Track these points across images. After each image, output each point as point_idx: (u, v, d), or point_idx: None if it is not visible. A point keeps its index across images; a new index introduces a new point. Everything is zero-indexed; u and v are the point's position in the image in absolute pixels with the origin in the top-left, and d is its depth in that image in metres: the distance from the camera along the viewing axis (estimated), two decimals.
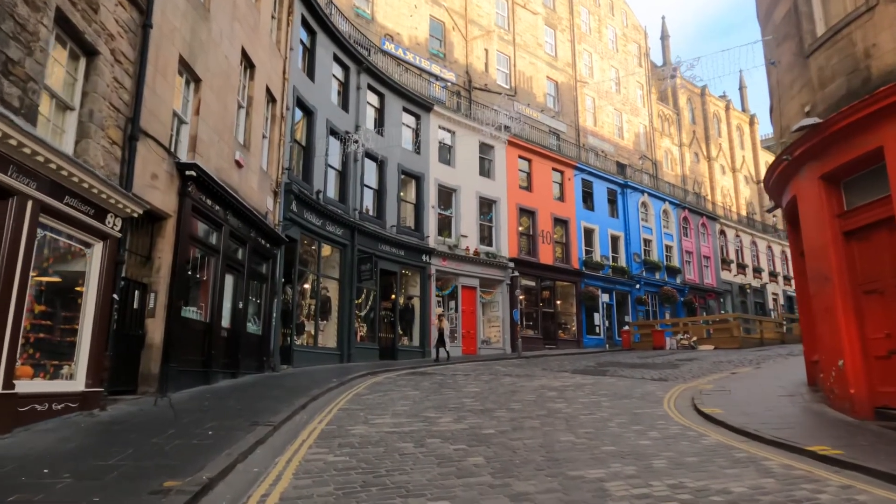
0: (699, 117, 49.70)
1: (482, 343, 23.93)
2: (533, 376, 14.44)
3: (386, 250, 20.31)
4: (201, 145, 10.43)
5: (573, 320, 28.27)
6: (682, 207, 36.48)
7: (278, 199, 14.73)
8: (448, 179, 23.86)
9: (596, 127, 38.14)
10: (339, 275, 18.48)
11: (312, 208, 16.70)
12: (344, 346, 17.87)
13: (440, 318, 19.52)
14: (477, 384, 12.78)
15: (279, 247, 14.71)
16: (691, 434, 7.66)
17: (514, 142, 27.10)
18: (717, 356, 19.73)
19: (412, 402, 9.96)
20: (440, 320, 19.14)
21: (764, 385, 11.73)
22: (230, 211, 11.51)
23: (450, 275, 23.18)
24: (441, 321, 19.00)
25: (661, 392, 11.69)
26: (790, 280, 45.22)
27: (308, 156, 17.18)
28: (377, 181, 20.94)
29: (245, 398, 9.38)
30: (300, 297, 17.05)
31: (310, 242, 17.42)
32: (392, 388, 12.01)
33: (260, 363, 13.51)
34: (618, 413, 9.15)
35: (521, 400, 10.35)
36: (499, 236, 25.47)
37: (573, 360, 19.78)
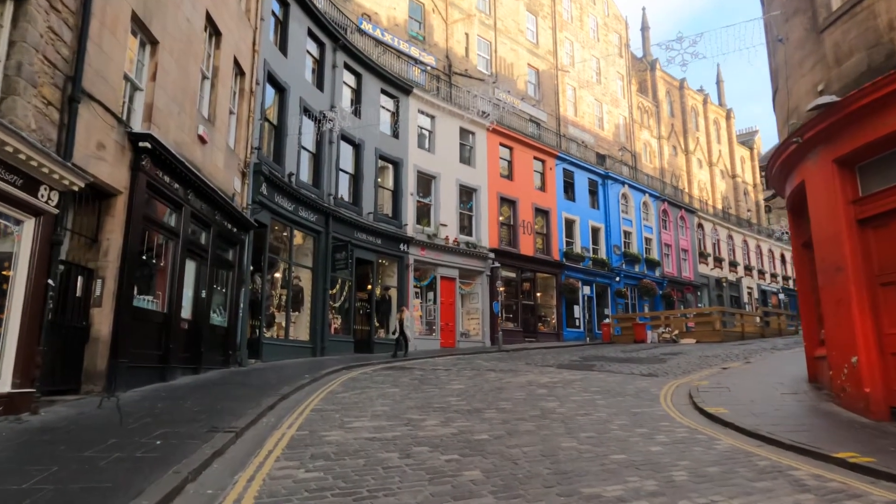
0: (677, 110, 49.60)
1: (461, 336, 23.17)
2: (518, 371, 13.71)
3: (362, 238, 19.34)
4: (158, 115, 9.33)
5: (553, 313, 27.71)
6: (661, 200, 36.21)
7: (247, 181, 13.64)
8: (427, 166, 22.94)
9: (576, 117, 37.57)
10: (313, 263, 17.46)
11: (284, 192, 15.63)
12: (317, 339, 16.89)
13: (401, 308, 18.16)
14: (460, 380, 11.98)
15: (247, 232, 13.64)
16: (701, 438, 6.97)
17: (496, 129, 26.28)
18: (702, 350, 19.32)
19: (392, 401, 9.10)
20: (401, 311, 17.69)
21: (762, 382, 11.19)
22: (192, 190, 10.44)
23: (428, 265, 22.31)
24: (402, 312, 17.53)
25: (655, 389, 11.08)
26: (764, 274, 45.60)
27: (280, 136, 16.08)
28: (353, 166, 19.92)
29: (206, 398, 8.39)
30: (270, 286, 16.00)
31: (281, 228, 16.35)
32: (369, 384, 11.13)
33: (225, 357, 12.48)
34: (616, 413, 8.45)
35: (510, 398, 9.58)
36: (479, 226, 24.68)
37: (556, 354, 19.14)
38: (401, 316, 17.33)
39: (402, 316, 17.30)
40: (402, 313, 17.41)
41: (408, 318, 17.47)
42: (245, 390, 9.37)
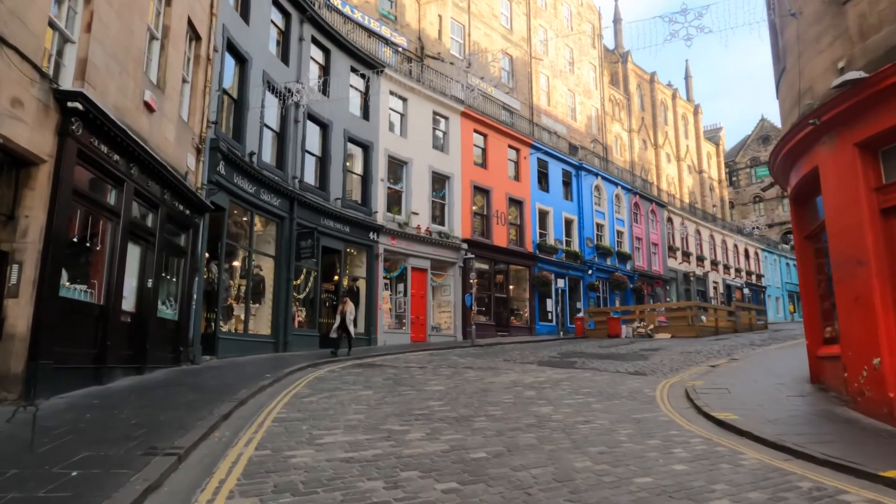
0: (648, 104, 49.53)
1: (432, 330, 22.15)
2: (498, 370, 12.79)
3: (329, 225, 18.07)
4: (95, 74, 7.95)
5: (526, 306, 26.96)
6: (633, 193, 35.88)
7: (202, 158, 12.25)
8: (399, 151, 21.75)
9: (549, 107, 36.86)
10: (276, 251, 16.13)
11: (244, 172, 14.25)
12: (279, 334, 15.61)
13: (343, 299, 15.84)
14: (438, 380, 10.97)
15: (202, 215, 12.27)
16: (722, 451, 6.14)
17: (470, 114, 25.25)
18: (680, 346, 18.82)
19: (367, 406, 8.02)
20: (343, 302, 15.37)
21: (760, 382, 10.55)
22: (136, 164, 9.07)
23: (399, 255, 21.18)
24: (345, 303, 15.23)
25: (648, 390, 10.31)
26: (729, 269, 46.04)
27: (240, 111, 14.67)
28: (320, 147, 18.58)
29: (147, 405, 7.14)
30: (228, 275, 14.63)
31: (241, 212, 14.97)
32: (339, 385, 10.01)
33: (175, 354, 11.14)
34: (617, 419, 7.59)
35: (498, 402, 8.62)
36: (452, 215, 23.65)
37: (533, 350, 18.33)
38: (342, 307, 15.07)
39: (345, 307, 15.01)
40: (344, 304, 15.18)
41: (351, 311, 15.10)
42: (196, 394, 8.13)
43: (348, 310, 15.00)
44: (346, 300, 15.41)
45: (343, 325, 14.77)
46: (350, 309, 15.13)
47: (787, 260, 54.71)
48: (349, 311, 15.02)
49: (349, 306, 15.14)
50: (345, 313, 14.88)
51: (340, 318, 14.82)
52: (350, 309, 15.13)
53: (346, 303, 15.24)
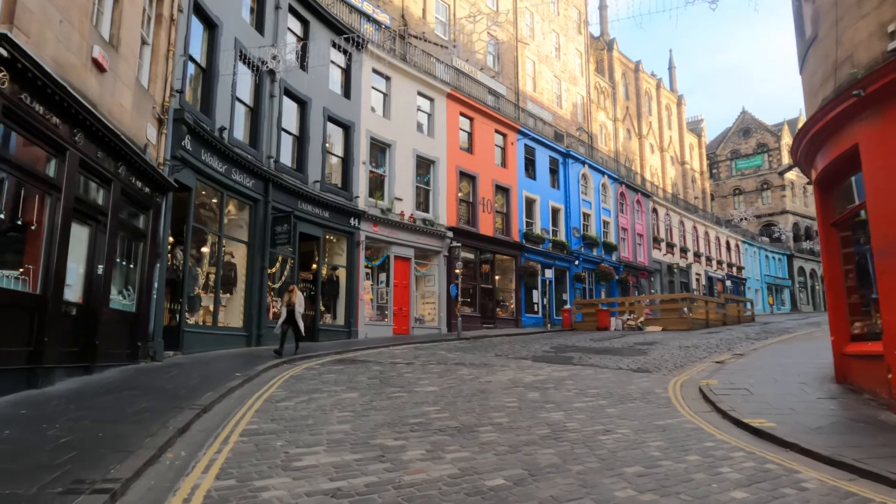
0: (632, 93, 48.87)
1: (415, 322, 21.08)
2: (492, 366, 11.79)
3: (307, 210, 16.81)
4: (28, 18, 6.64)
5: (512, 297, 26.03)
6: (619, 182, 35.17)
7: (164, 130, 10.92)
8: (382, 132, 20.52)
9: (535, 92, 35.84)
10: (249, 237, 14.85)
11: (214, 149, 12.94)
12: (252, 326, 14.38)
13: (290, 287, 13.17)
14: (429, 379, 9.92)
15: (164, 194, 10.96)
16: (775, 470, 5.22)
17: (456, 96, 24.09)
18: (676, 339, 18.07)
19: (353, 413, 6.92)
20: (290, 290, 12.78)
21: (778, 381, 9.71)
22: (82, 131, 7.77)
23: (381, 243, 20.02)
24: (292, 292, 12.66)
25: (660, 389, 9.42)
26: (711, 261, 45.84)
27: (209, 82, 13.32)
28: (298, 126, 17.28)
29: (86, 416, 5.94)
30: (195, 262, 13.34)
31: (210, 193, 13.66)
32: (319, 385, 8.89)
33: (133, 351, 9.88)
34: (640, 428, 6.64)
35: (501, 407, 7.61)
36: (437, 202, 22.53)
37: (523, 344, 17.40)
38: (289, 297, 12.58)
39: (292, 297, 12.53)
40: (291, 293, 12.65)
41: (300, 301, 12.68)
42: (150, 400, 6.93)
43: (296, 300, 12.56)
44: (293, 288, 12.90)
45: (291, 318, 12.36)
46: (299, 299, 12.70)
47: (766, 252, 54.88)
48: (298, 301, 12.60)
49: (297, 296, 12.71)
50: (292, 305, 12.44)
51: (287, 311, 12.36)
52: (299, 299, 12.70)
53: (294, 292, 12.72)
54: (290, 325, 12.38)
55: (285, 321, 12.35)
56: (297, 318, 12.41)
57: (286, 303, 12.56)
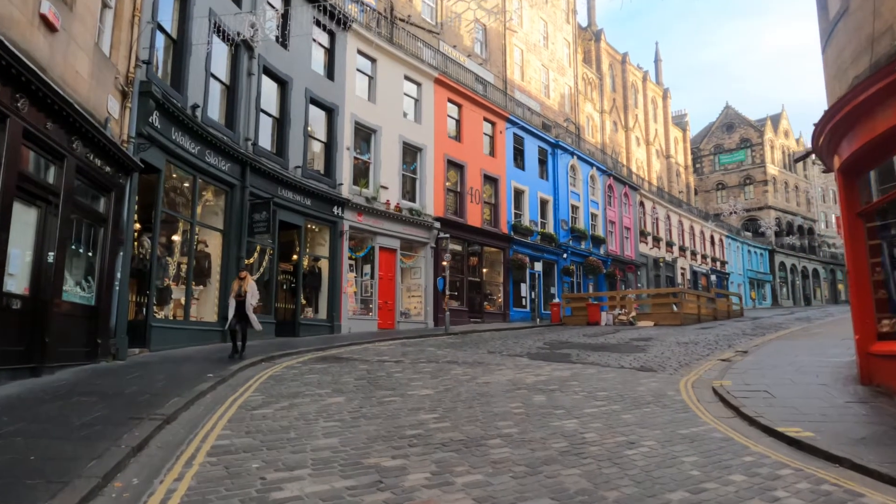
0: (619, 85, 48.37)
1: (401, 316, 20.21)
2: (487, 365, 10.99)
3: (287, 197, 15.80)
4: None
5: (500, 291, 25.28)
6: (608, 174, 34.60)
7: (129, 104, 9.86)
8: (367, 117, 19.52)
9: (523, 81, 35.03)
10: (224, 224, 13.82)
11: (186, 128, 11.87)
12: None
13: (242, 273, 10.94)
14: (422, 379, 9.08)
15: (129, 175, 9.91)
16: (834, 492, 4.51)
17: (444, 81, 23.16)
18: (671, 335, 17.48)
19: (340, 422, 6.06)
20: (241, 277, 10.74)
21: (796, 381, 9.06)
22: (26, 97, 6.73)
23: (366, 233, 19.07)
24: (244, 279, 10.61)
25: (671, 391, 8.72)
26: (696, 255, 45.68)
27: (181, 54, 12.22)
28: (278, 107, 16.22)
29: (22, 430, 4.98)
30: (165, 251, 12.28)
31: (181, 176, 12.60)
32: (301, 388, 7.99)
33: (92, 349, 8.87)
34: (665, 438, 5.91)
35: (507, 413, 6.80)
36: (424, 191, 21.63)
37: (514, 339, 16.64)
38: (239, 286, 10.53)
39: (243, 286, 10.49)
40: (241, 281, 10.61)
41: (252, 290, 10.61)
42: (105, 408, 5.98)
43: (248, 290, 10.46)
44: (245, 275, 10.77)
45: (242, 312, 10.33)
46: (251, 289, 10.57)
47: (749, 247, 55.02)
48: (250, 291, 10.48)
49: (249, 284, 10.59)
50: (243, 295, 10.38)
51: (237, 304, 10.35)
52: (251, 289, 10.57)
53: (245, 279, 10.65)
54: (241, 321, 10.35)
55: (235, 315, 10.31)
56: (248, 311, 10.38)
57: (235, 293, 10.47)
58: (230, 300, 10.60)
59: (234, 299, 10.46)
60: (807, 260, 62.98)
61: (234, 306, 10.41)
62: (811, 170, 68.82)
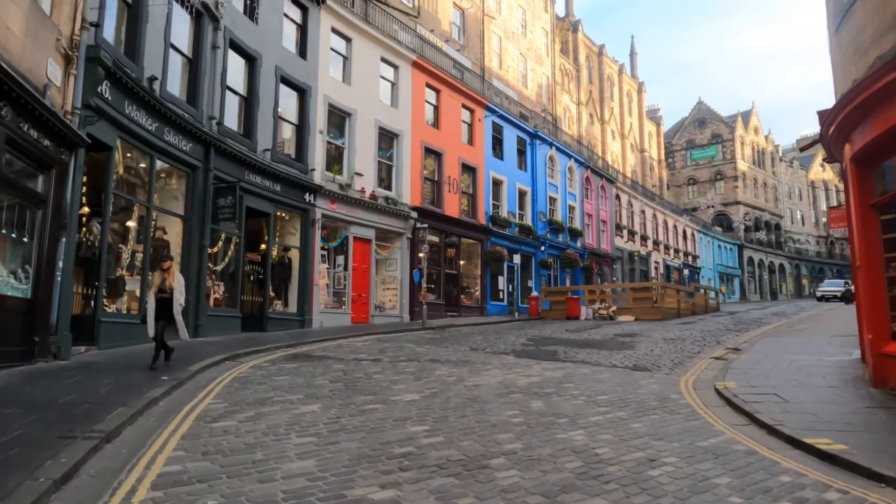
0: (595, 77, 48.01)
1: (375, 309, 19.30)
2: (472, 364, 10.22)
3: (256, 182, 14.71)
4: None
5: (477, 284, 24.55)
6: (585, 166, 34.15)
7: (73, 70, 8.70)
8: (342, 99, 18.47)
9: (501, 70, 34.22)
10: (185, 210, 12.70)
11: (142, 102, 10.71)
12: (189, 315, 12.24)
13: (165, 260, 8.61)
14: (404, 381, 8.25)
15: (73, 151, 8.77)
16: None
17: (422, 65, 22.21)
18: (655, 330, 17.00)
19: (317, 438, 5.19)
20: (165, 266, 8.45)
21: (804, 383, 8.53)
22: None
23: (339, 222, 18.07)
24: (168, 273, 8.38)
25: (674, 394, 8.11)
26: (669, 249, 45.82)
27: (136, 20, 11.03)
28: (246, 86, 15.08)
29: None
30: (118, 238, 11.13)
31: (137, 155, 11.44)
32: (269, 393, 7.08)
33: (27, 347, 7.77)
34: (686, 453, 5.25)
35: (505, 423, 6.03)
36: (400, 179, 20.70)
37: (496, 335, 15.93)
38: (163, 277, 8.33)
39: (168, 279, 8.33)
40: (165, 273, 8.36)
41: (180, 285, 8.46)
42: (30, 423, 4.98)
43: (175, 284, 8.36)
44: (170, 266, 8.50)
45: (166, 311, 8.21)
46: (178, 283, 8.43)
47: (719, 242, 55.59)
48: (177, 286, 8.39)
49: (176, 278, 8.44)
50: (169, 290, 8.29)
51: (156, 300, 8.18)
52: (178, 283, 8.43)
53: (170, 271, 8.42)
54: (166, 323, 8.26)
55: (158, 316, 8.12)
56: (175, 311, 8.28)
57: (156, 288, 8.27)
58: (149, 297, 8.31)
59: (155, 296, 8.19)
60: (773, 255, 64.09)
61: (154, 305, 8.13)
62: (779, 166, 70.02)
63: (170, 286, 8.31)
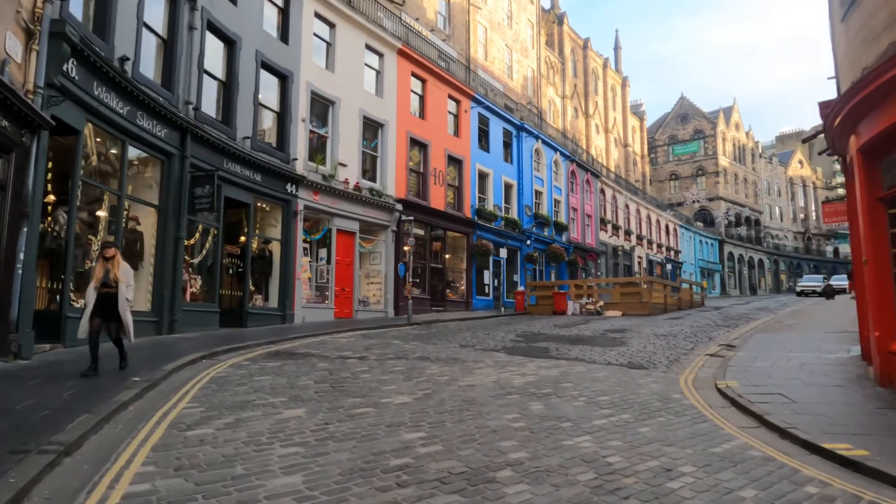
0: (580, 71, 47.78)
1: (359, 304, 18.78)
2: (463, 361, 9.81)
3: (235, 171, 14.08)
4: None
5: (463, 278, 24.13)
6: (571, 160, 33.89)
7: (35, 45, 8.03)
8: (325, 87, 17.85)
9: (486, 61, 33.76)
10: (160, 199, 12.05)
11: (113, 84, 10.05)
12: (164, 310, 11.68)
13: (107, 254, 7.17)
14: (394, 381, 7.79)
15: (35, 133, 8.11)
16: None
17: (408, 53, 21.64)
18: (645, 326, 16.77)
19: (303, 448, 4.71)
20: (109, 260, 7.12)
21: (808, 382, 8.27)
22: None
23: (322, 214, 17.49)
24: (111, 262, 7.11)
25: (676, 394, 7.81)
26: (652, 244, 45.92)
27: None
28: (224, 70, 14.41)
29: None
30: (87, 228, 10.47)
31: (107, 141, 10.76)
32: (250, 395, 6.57)
33: None
34: (702, 461, 4.89)
35: (505, 428, 5.61)
36: (385, 170, 20.15)
37: (484, 330, 15.54)
38: (106, 268, 7.06)
39: (112, 269, 7.05)
40: (109, 262, 7.09)
41: (126, 274, 7.20)
42: None
43: (120, 275, 7.08)
44: (115, 254, 7.18)
45: (108, 308, 6.97)
46: (124, 273, 7.15)
47: (700, 237, 55.97)
48: (123, 276, 7.10)
49: (121, 267, 7.15)
50: (114, 281, 7.02)
51: (100, 297, 6.94)
52: (124, 273, 7.15)
53: (114, 260, 7.11)
54: (108, 322, 7.03)
55: (101, 314, 6.94)
56: (121, 307, 7.00)
57: (98, 280, 7.00)
58: (88, 290, 7.04)
59: (96, 290, 6.96)
60: (753, 250, 64.79)
61: (93, 298, 6.92)
62: (759, 162, 70.75)
63: (115, 278, 7.01)
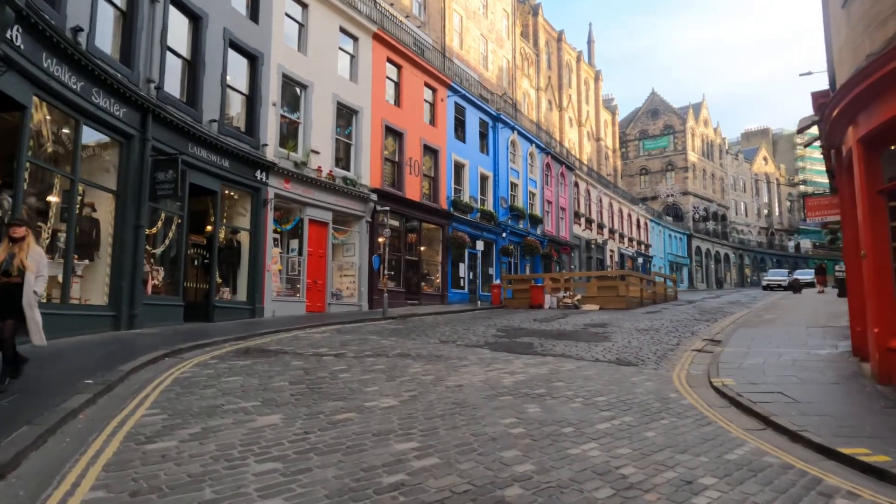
0: (554, 63, 47.59)
1: (332, 297, 18.09)
2: (446, 359, 9.31)
3: (201, 156, 13.23)
4: None
5: (438, 271, 23.62)
6: (546, 153, 33.63)
7: None
8: (297, 70, 17.03)
9: (462, 50, 33.17)
10: (118, 184, 11.16)
11: (65, 56, 9.16)
12: (123, 303, 10.84)
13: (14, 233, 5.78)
14: (377, 383, 7.23)
15: None
16: None
17: (384, 38, 20.92)
18: (624, 320, 16.54)
19: (282, 464, 4.13)
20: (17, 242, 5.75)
21: (804, 379, 8.02)
22: None
23: (294, 203, 16.72)
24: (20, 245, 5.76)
25: (673, 393, 7.49)
26: (624, 238, 46.16)
27: None
28: (190, 48, 13.51)
29: None
30: (37, 216, 9.57)
31: (59, 119, 9.85)
32: (219, 399, 5.93)
33: None
34: (721, 471, 4.53)
35: (504, 435, 5.13)
36: (360, 159, 19.44)
37: (463, 325, 15.07)
38: (10, 251, 5.74)
39: (20, 252, 5.74)
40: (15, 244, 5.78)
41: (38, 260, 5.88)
42: None
43: (28, 260, 5.75)
44: (25, 233, 5.89)
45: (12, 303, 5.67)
46: (35, 256, 5.86)
47: (670, 231, 56.65)
48: (34, 261, 5.82)
49: (32, 250, 5.87)
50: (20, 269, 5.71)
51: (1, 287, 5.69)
52: (35, 256, 5.86)
53: (26, 242, 5.86)
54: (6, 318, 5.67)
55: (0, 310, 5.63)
56: (27, 303, 5.71)
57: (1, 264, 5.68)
58: None
59: None
60: (720, 245, 66.01)
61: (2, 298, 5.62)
62: (725, 158, 72.01)
63: (19, 266, 5.65)
